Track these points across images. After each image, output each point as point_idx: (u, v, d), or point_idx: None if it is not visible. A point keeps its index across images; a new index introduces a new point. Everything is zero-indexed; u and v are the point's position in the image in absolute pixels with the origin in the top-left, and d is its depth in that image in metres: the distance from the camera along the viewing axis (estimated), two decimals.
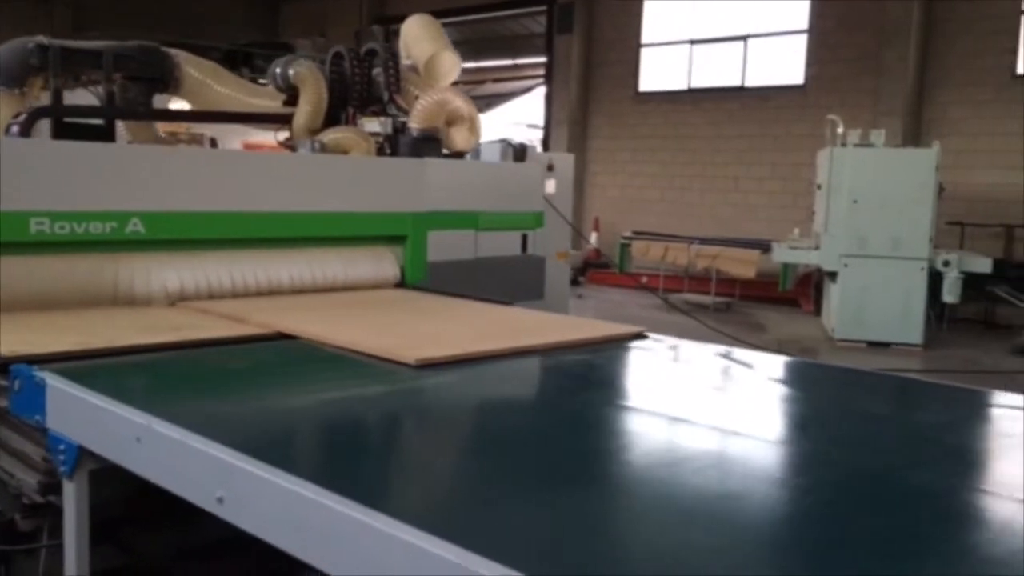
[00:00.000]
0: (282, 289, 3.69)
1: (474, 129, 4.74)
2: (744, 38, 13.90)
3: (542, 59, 16.84)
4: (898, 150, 10.04)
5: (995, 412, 2.50)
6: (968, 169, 11.49)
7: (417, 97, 4.58)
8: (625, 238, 13.42)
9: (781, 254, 10.37)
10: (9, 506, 2.69)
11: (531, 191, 4.93)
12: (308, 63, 4.53)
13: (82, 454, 2.12)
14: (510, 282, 4.55)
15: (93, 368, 2.41)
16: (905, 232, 9.32)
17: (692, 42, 14.52)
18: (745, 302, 12.62)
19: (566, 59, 15.77)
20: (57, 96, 3.94)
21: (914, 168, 9.35)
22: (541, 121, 16.76)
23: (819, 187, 10.01)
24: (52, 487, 2.43)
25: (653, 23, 15.03)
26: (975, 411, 2.51)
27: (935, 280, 9.36)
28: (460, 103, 4.60)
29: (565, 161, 7.81)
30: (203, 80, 4.43)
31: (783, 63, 13.51)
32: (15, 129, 3.71)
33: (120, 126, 4.32)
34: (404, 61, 4.78)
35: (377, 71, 4.67)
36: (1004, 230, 11.34)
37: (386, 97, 4.62)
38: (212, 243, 3.57)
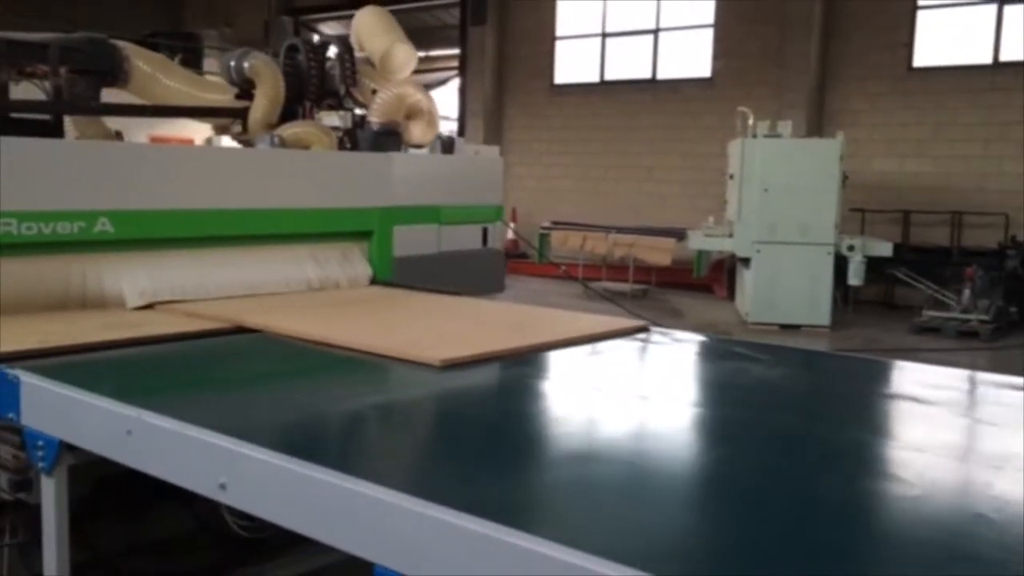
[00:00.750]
0: (257, 288, 3.62)
1: (432, 123, 4.70)
2: (655, 32, 14.24)
3: (456, 51, 16.89)
4: (806, 140, 10.51)
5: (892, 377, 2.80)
6: (867, 158, 12.08)
7: (374, 91, 4.53)
8: (544, 228, 13.62)
9: (696, 242, 10.73)
10: None
11: (491, 184, 4.88)
12: (263, 56, 4.42)
13: (62, 449, 2.14)
14: (472, 276, 4.53)
15: (62, 365, 2.41)
16: (813, 219, 9.77)
17: (604, 35, 14.80)
18: (661, 289, 12.98)
19: (480, 51, 15.87)
20: (3, 91, 3.77)
21: (820, 158, 9.80)
22: (455, 113, 16.82)
23: (731, 177, 10.38)
24: (22, 484, 2.44)
25: (566, 16, 15.25)
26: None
27: (840, 264, 9.84)
28: (420, 96, 4.57)
29: (491, 154, 7.91)
30: (152, 73, 4.28)
31: (692, 56, 13.90)
32: None
33: (67, 122, 4.16)
34: (358, 54, 4.72)
35: (331, 64, 4.60)
36: (902, 215, 11.96)
37: (343, 91, 4.55)
38: (181, 242, 3.49)
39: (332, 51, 4.69)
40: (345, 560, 2.92)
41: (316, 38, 4.73)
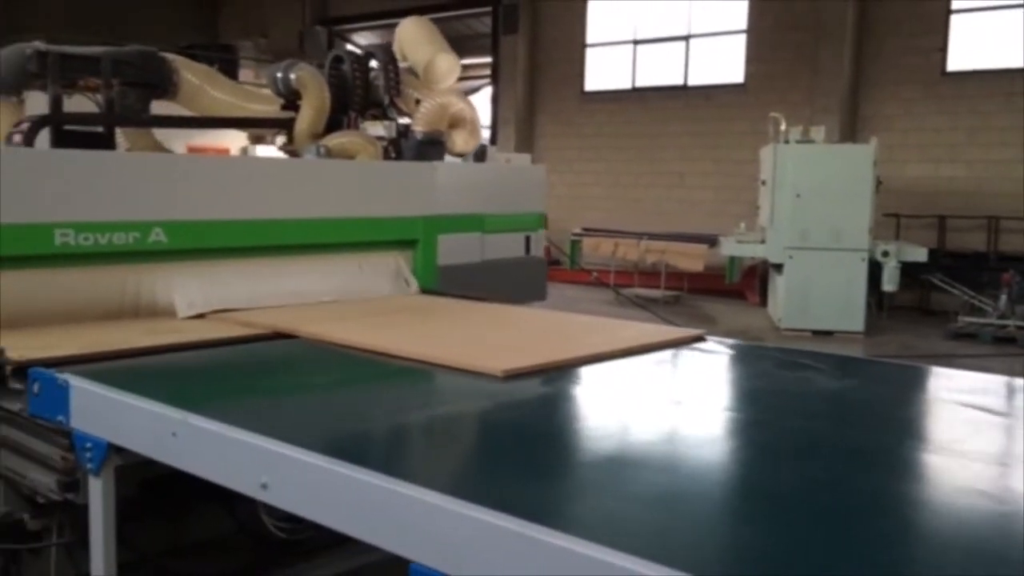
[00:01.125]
0: (305, 298, 3.62)
1: (475, 131, 4.72)
2: (686, 38, 14.24)
3: (488, 59, 17.00)
4: (838, 146, 10.46)
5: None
6: (901, 163, 11.98)
7: (417, 100, 4.55)
8: (576, 234, 13.66)
9: (729, 248, 10.71)
10: (18, 507, 2.78)
11: (534, 192, 4.88)
12: (309, 67, 4.46)
13: (110, 451, 2.23)
14: (515, 284, 4.53)
15: (109, 370, 2.50)
16: (846, 224, 9.72)
17: (636, 42, 14.82)
18: (693, 295, 12.96)
19: (512, 59, 15.96)
20: (56, 103, 3.84)
21: (853, 163, 9.75)
22: (487, 121, 16.92)
23: (763, 182, 10.35)
24: (70, 485, 2.53)
25: (597, 23, 15.30)
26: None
27: (875, 270, 9.77)
28: (463, 105, 4.59)
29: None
30: (200, 85, 4.34)
31: (724, 63, 13.88)
32: (17, 138, 3.63)
33: (118, 133, 4.25)
34: (401, 64, 4.76)
35: (374, 74, 4.62)
36: (937, 220, 11.85)
37: (387, 100, 4.58)
38: (231, 252, 3.52)
39: (375, 62, 4.72)
40: (379, 561, 3.00)
41: (352, 48, 4.74)
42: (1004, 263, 10.67)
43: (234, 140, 6.30)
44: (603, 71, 15.29)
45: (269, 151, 5.41)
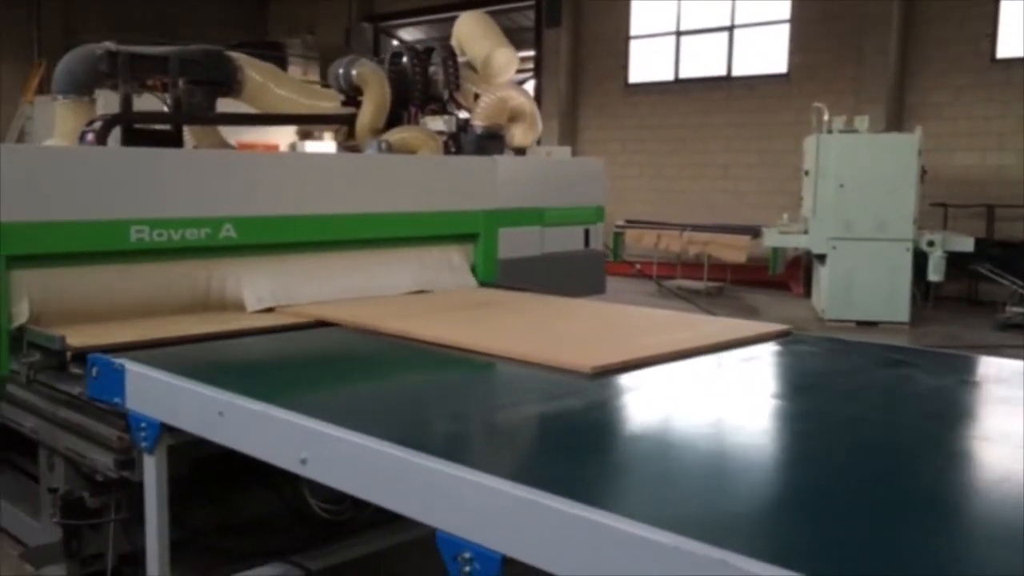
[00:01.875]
0: (370, 291, 3.67)
1: (534, 125, 4.73)
2: (729, 29, 14.18)
3: (531, 53, 17.06)
4: (882, 135, 10.35)
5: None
6: (949, 152, 11.81)
7: (477, 95, 4.58)
8: (618, 227, 13.69)
9: (771, 239, 10.68)
10: (78, 485, 2.95)
11: (592, 185, 4.86)
12: (370, 63, 4.51)
13: (162, 431, 2.38)
14: (574, 277, 4.51)
15: (162, 355, 2.66)
16: (890, 214, 9.63)
17: (678, 33, 14.79)
18: (736, 286, 12.92)
19: (555, 53, 16.01)
20: (127, 102, 3.91)
21: (898, 152, 9.66)
22: None
23: (806, 173, 10.30)
24: (126, 463, 2.69)
25: (640, 16, 15.29)
26: None
27: (920, 260, 9.68)
28: (523, 99, 4.63)
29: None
30: (263, 83, 4.41)
31: (767, 53, 13.79)
32: (90, 137, 3.69)
33: (184, 131, 4.31)
34: (459, 59, 4.78)
35: (433, 69, 4.66)
36: (985, 210, 11.67)
37: (446, 95, 4.61)
38: (298, 246, 3.58)
39: (434, 57, 4.76)
40: (415, 540, 3.13)
41: (409, 44, 4.78)
42: None
43: (283, 136, 6.48)
44: (646, 63, 15.27)
45: (317, 146, 5.51)
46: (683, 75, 14.75)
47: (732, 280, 13.02)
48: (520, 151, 4.68)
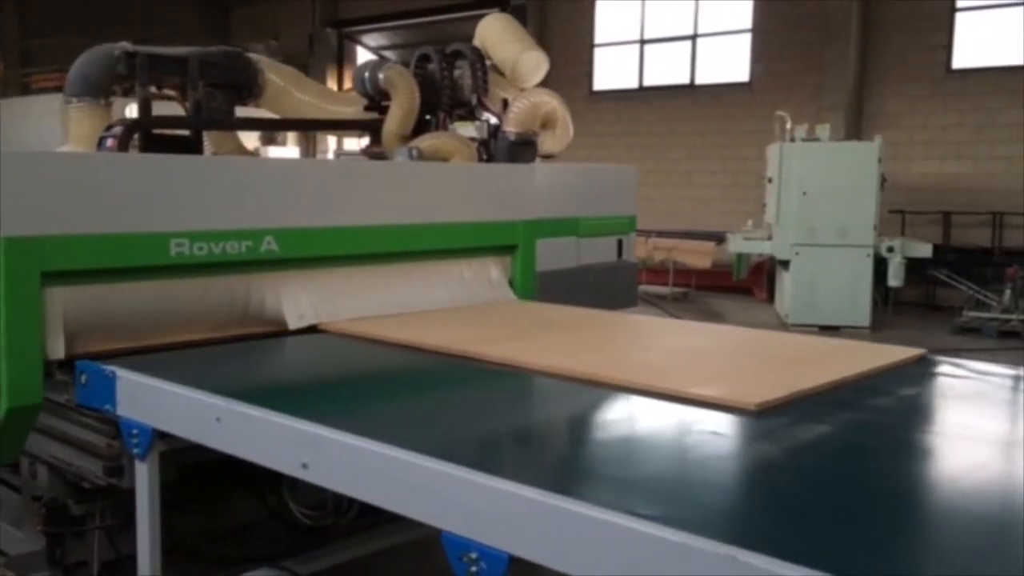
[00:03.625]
0: (411, 306, 3.51)
1: (565, 131, 4.57)
2: (692, 37, 14.36)
3: None
4: (843, 144, 10.58)
5: None
6: (907, 160, 12.10)
7: (504, 100, 4.41)
8: None
9: (736, 245, 10.85)
10: (62, 493, 2.94)
11: (625, 193, 4.65)
12: (398, 66, 4.36)
13: (155, 437, 2.39)
14: (608, 290, 4.33)
15: (152, 361, 2.66)
16: (851, 221, 9.84)
17: (643, 42, 14.95)
18: (701, 292, 13.08)
19: None
20: (146, 107, 3.69)
21: (858, 160, 9.88)
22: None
23: (770, 180, 10.48)
24: (115, 470, 2.69)
25: (605, 23, 15.43)
26: None
27: (880, 265, 9.90)
28: (555, 104, 4.48)
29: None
30: (284, 87, 4.18)
31: (730, 62, 14.00)
32: (109, 143, 3.49)
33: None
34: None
35: (459, 73, 4.48)
36: (942, 217, 11.96)
37: (474, 100, 4.45)
38: (339, 260, 3.40)
39: (459, 60, 4.56)
40: (397, 545, 3.16)
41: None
42: (1008, 258, 10.78)
43: (247, 141, 6.33)
44: (611, 71, 15.41)
45: (281, 152, 5.37)
46: (647, 83, 14.92)
47: (697, 285, 13.18)
48: (548, 158, 4.50)
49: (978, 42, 11.93)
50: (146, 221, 2.82)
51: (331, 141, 17.02)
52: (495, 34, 4.68)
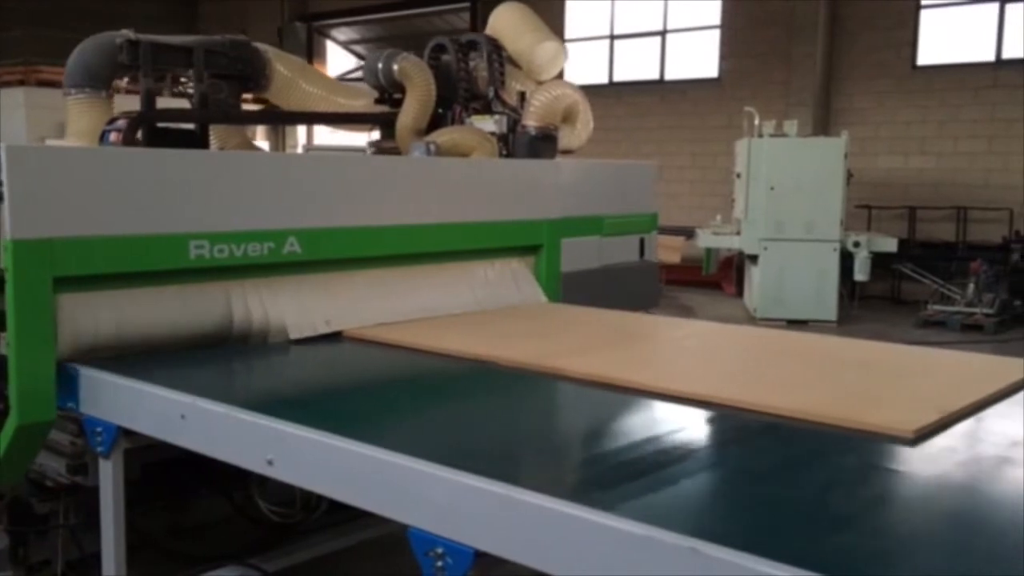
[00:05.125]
0: (437, 311, 3.32)
1: (586, 125, 4.42)
2: (662, 33, 14.42)
3: None
4: (810, 139, 10.68)
5: None
6: (873, 156, 12.24)
7: (521, 93, 4.26)
8: None
9: (705, 240, 10.93)
10: (26, 491, 2.91)
11: (646, 190, 4.46)
12: (413, 57, 4.12)
13: (119, 435, 2.37)
14: (630, 290, 4.17)
15: (115, 359, 2.62)
16: (818, 216, 9.95)
17: (612, 37, 14.99)
18: (671, 286, 13.12)
19: None
20: (150, 98, 3.52)
21: (825, 156, 9.99)
22: None
23: (738, 175, 10.56)
24: (79, 468, 2.67)
25: (575, 19, 15.45)
26: None
27: (846, 260, 10.01)
28: (577, 97, 4.31)
29: None
30: (291, 78, 4.01)
31: (699, 58, 14.07)
32: (113, 137, 3.32)
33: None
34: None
35: (473, 64, 4.32)
36: (907, 211, 12.12)
37: (491, 93, 4.26)
38: (363, 262, 3.21)
39: (475, 52, 4.40)
40: (365, 542, 3.16)
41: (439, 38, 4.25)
42: (972, 252, 10.94)
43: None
44: (581, 66, 15.44)
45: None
46: (617, 78, 14.96)
47: (666, 280, 13.20)
48: (566, 153, 4.33)
49: (942, 39, 12.08)
50: (164, 221, 2.63)
51: (300, 135, 16.95)
52: (510, 24, 4.50)
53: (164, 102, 4.15)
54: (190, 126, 3.70)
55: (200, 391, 2.19)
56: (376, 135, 4.30)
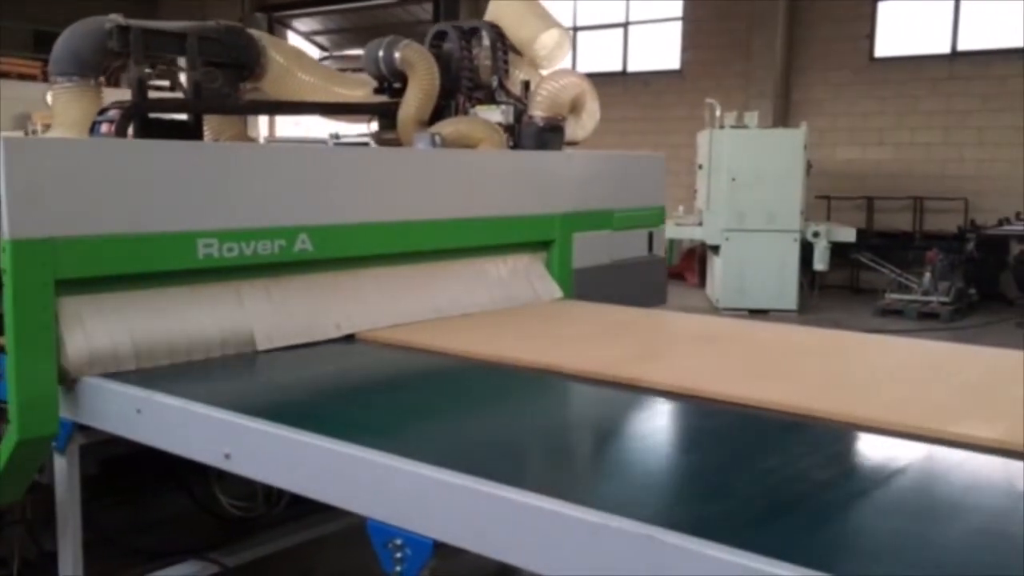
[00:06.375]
0: (450, 310, 3.19)
1: (593, 115, 4.29)
2: (624, 25, 14.47)
3: None
4: (770, 131, 10.79)
5: None
6: (832, 147, 12.40)
7: (527, 82, 4.14)
8: None
9: (668, 230, 10.96)
10: None
11: (655, 183, 4.37)
12: (416, 45, 3.97)
13: (74, 430, 2.34)
14: (639, 286, 4.06)
15: None
16: (779, 207, 10.06)
17: (575, 29, 15.00)
18: None
19: None
20: (141, 87, 3.33)
21: (785, 147, 10.10)
22: None
23: (700, 167, 10.64)
24: None
25: None
26: None
27: (806, 250, 10.14)
28: (586, 87, 4.18)
29: None
30: (288, 67, 3.85)
31: (661, 49, 14.15)
32: (104, 128, 3.15)
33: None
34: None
35: (475, 52, 4.19)
36: (865, 202, 12.29)
37: (495, 83, 4.11)
38: (375, 260, 3.07)
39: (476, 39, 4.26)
40: (326, 535, 3.15)
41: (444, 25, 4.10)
42: (928, 242, 11.15)
43: None
44: None
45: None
46: (580, 70, 14.96)
47: None
48: (571, 145, 4.21)
49: (899, 32, 12.25)
50: (172, 219, 2.47)
51: (262, 126, 16.77)
52: (512, 11, 4.33)
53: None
54: (183, 116, 3.52)
55: (157, 386, 2.17)
56: (375, 126, 4.16)
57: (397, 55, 3.86)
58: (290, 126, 16.16)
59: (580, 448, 2.03)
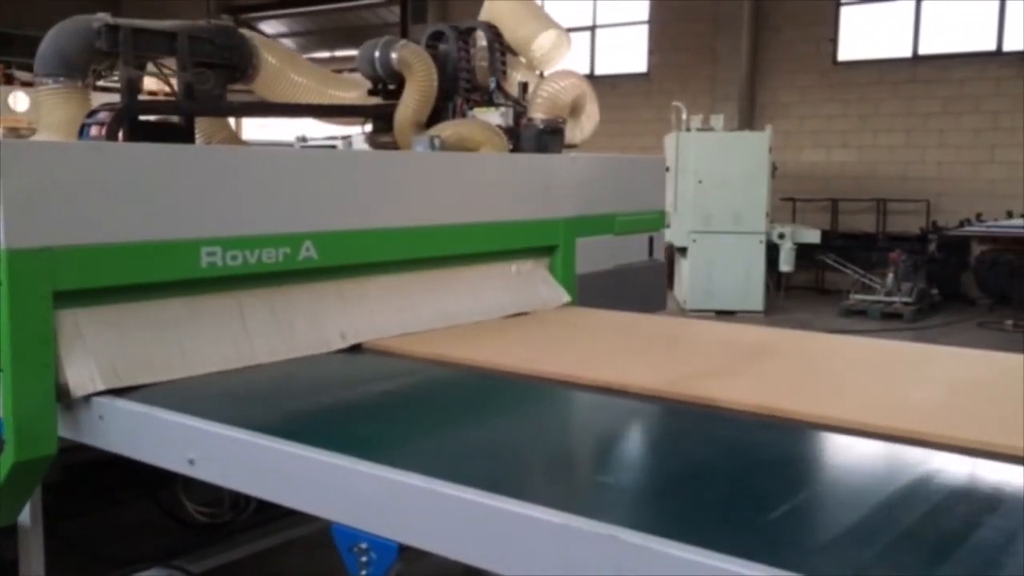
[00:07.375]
0: (457, 318, 3.13)
1: (592, 118, 4.29)
2: (591, 28, 14.54)
3: None
4: (736, 133, 10.89)
5: None
6: (797, 149, 12.55)
7: (524, 84, 4.10)
8: None
9: None
10: None
11: (655, 186, 4.34)
12: (413, 45, 3.89)
13: None
14: (639, 292, 4.03)
15: None
16: (745, 208, 10.16)
17: None
18: None
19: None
20: (132, 88, 3.24)
21: (750, 150, 10.20)
22: None
23: (667, 169, 10.70)
24: None
25: None
26: None
27: (772, 251, 10.25)
28: (586, 88, 4.15)
29: None
30: (280, 68, 3.77)
31: (628, 52, 14.23)
32: (94, 131, 3.07)
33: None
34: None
35: (472, 53, 4.12)
36: (830, 204, 12.45)
37: (493, 84, 4.05)
38: (380, 267, 2.98)
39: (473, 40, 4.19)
40: (293, 541, 3.13)
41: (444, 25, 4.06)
42: (891, 243, 11.33)
43: None
44: None
45: None
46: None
47: None
48: (570, 148, 4.15)
49: (862, 35, 12.43)
50: (174, 226, 2.36)
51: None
52: (508, 11, 4.25)
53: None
54: (174, 118, 3.45)
55: (122, 392, 2.16)
56: (369, 128, 4.07)
57: (394, 56, 3.79)
58: (256, 128, 16.03)
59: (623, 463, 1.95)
